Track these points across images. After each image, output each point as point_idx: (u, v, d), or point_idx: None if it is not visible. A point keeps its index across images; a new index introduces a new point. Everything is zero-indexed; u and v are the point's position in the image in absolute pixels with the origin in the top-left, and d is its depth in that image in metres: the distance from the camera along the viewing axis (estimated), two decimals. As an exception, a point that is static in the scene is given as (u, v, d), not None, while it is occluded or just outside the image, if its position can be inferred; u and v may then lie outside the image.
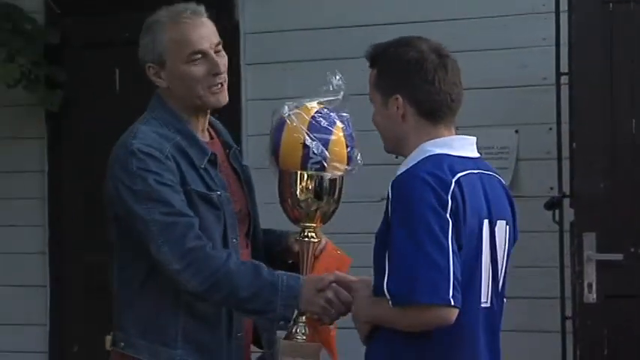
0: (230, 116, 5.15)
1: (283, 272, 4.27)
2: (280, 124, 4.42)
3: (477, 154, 4.06)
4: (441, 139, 3.99)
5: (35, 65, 7.51)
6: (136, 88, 4.74)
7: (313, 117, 4.39)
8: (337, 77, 4.47)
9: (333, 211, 4.49)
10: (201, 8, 4.60)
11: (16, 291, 7.59)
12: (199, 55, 4.44)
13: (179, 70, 4.44)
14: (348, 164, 4.41)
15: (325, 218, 4.48)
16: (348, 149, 4.40)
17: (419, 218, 3.78)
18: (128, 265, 4.34)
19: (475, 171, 3.94)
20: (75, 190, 7.49)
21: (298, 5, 7.16)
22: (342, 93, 4.43)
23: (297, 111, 4.39)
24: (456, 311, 3.76)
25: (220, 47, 4.53)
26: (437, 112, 4.00)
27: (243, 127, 6.92)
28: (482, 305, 3.95)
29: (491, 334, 4.02)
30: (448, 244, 3.74)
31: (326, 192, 4.41)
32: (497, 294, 4.01)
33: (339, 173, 4.41)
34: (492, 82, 6.57)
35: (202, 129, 4.56)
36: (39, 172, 7.71)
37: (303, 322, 4.30)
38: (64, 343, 7.82)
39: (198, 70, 4.44)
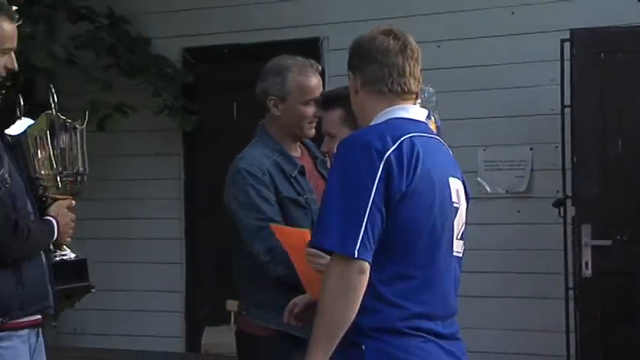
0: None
1: None
2: None
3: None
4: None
5: (175, 99, 7.54)
6: (248, 117, 4.71)
7: None
8: (429, 88, 4.34)
9: None
10: (316, 64, 4.64)
11: (157, 267, 7.63)
12: (312, 101, 4.43)
13: (295, 107, 4.46)
14: None
15: None
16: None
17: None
18: (241, 255, 4.38)
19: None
20: (204, 191, 7.49)
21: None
22: (434, 99, 4.33)
23: None
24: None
25: None
26: None
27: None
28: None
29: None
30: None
31: None
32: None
33: None
34: (514, 112, 6.50)
35: (295, 148, 4.55)
36: (177, 179, 7.71)
37: None
38: (196, 306, 7.83)
39: (309, 111, 4.47)
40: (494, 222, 6.40)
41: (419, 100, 4.04)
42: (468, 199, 3.70)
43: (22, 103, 4.11)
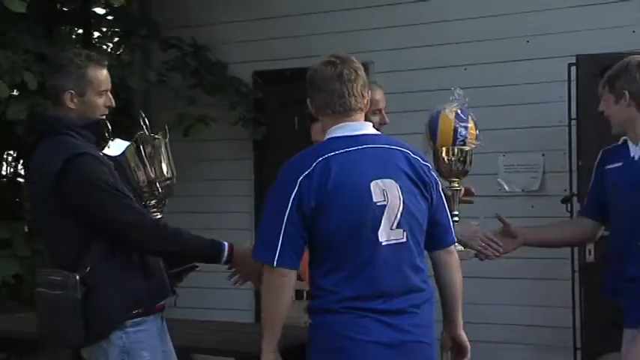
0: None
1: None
2: (436, 119, 4.33)
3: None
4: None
5: (247, 112, 7.61)
6: (307, 128, 4.72)
7: (457, 113, 4.29)
8: (459, 91, 4.39)
9: (467, 171, 4.38)
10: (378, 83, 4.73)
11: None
12: (379, 114, 4.58)
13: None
14: (475, 140, 4.34)
15: (463, 175, 4.39)
16: (477, 132, 4.34)
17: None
18: None
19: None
20: None
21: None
22: (466, 99, 4.35)
23: (447, 110, 4.32)
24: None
25: None
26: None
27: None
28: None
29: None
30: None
31: (465, 159, 4.34)
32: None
33: (473, 147, 4.33)
34: (528, 124, 6.54)
35: None
36: (248, 179, 7.76)
37: None
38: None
39: (378, 120, 4.53)
40: (512, 216, 6.23)
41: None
42: (419, 186, 3.60)
43: (109, 127, 4.15)
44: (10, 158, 8.32)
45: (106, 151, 4.15)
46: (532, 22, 6.81)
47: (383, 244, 3.48)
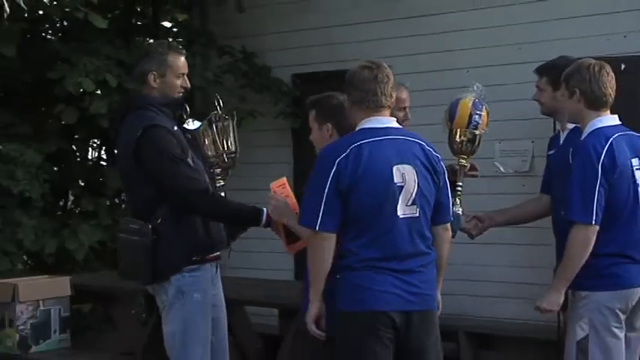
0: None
1: None
2: (455, 104, 4.40)
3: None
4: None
5: (287, 107, 7.67)
6: None
7: (474, 102, 4.37)
8: (478, 84, 4.49)
9: (475, 151, 4.46)
10: (405, 83, 4.72)
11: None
12: (403, 110, 4.63)
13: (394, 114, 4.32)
14: (485, 127, 4.43)
15: (471, 154, 4.46)
16: (488, 120, 4.44)
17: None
18: None
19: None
20: (307, 172, 7.51)
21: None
22: (482, 91, 4.44)
23: (466, 98, 4.37)
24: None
25: None
26: None
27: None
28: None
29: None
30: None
31: (476, 140, 4.41)
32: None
33: (483, 131, 4.42)
34: (521, 117, 6.52)
35: None
36: (288, 163, 7.73)
37: None
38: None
39: (402, 116, 4.57)
40: (506, 193, 6.38)
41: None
42: (430, 172, 3.72)
43: (188, 109, 4.30)
44: (95, 145, 8.41)
45: (186, 125, 4.25)
46: (522, 33, 6.81)
47: (400, 217, 3.63)
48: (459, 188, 4.45)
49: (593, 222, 3.80)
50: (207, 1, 8.25)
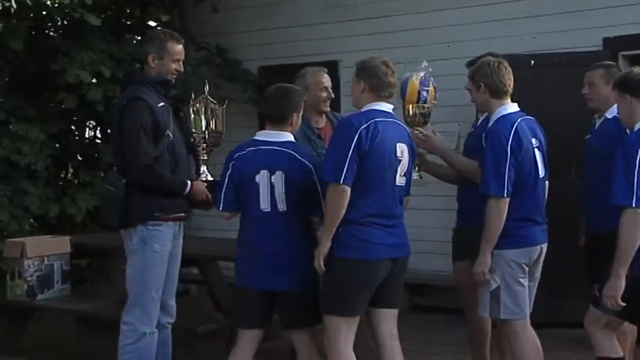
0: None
1: None
2: (405, 82, 4.28)
3: (275, 139, 3.75)
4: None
5: (254, 94, 7.68)
6: None
7: (421, 79, 4.30)
8: (425, 62, 4.42)
9: (427, 122, 4.35)
10: (324, 69, 4.59)
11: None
12: (325, 90, 4.44)
13: (317, 94, 4.42)
14: (434, 100, 4.35)
15: (424, 125, 4.35)
16: (436, 94, 4.37)
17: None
18: None
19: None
20: None
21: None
22: (430, 69, 4.36)
23: (414, 77, 4.30)
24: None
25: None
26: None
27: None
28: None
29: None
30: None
31: (426, 113, 4.34)
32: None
33: (432, 105, 4.35)
34: (450, 103, 6.39)
35: (317, 120, 4.50)
36: None
37: None
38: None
39: (325, 95, 4.48)
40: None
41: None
42: (413, 153, 3.85)
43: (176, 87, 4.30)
44: (91, 126, 8.37)
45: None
46: (450, 33, 6.90)
47: (396, 185, 3.75)
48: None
49: (505, 195, 3.83)
50: (187, 3, 8.21)
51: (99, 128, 8.33)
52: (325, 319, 3.74)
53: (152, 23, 8.65)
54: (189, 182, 4.06)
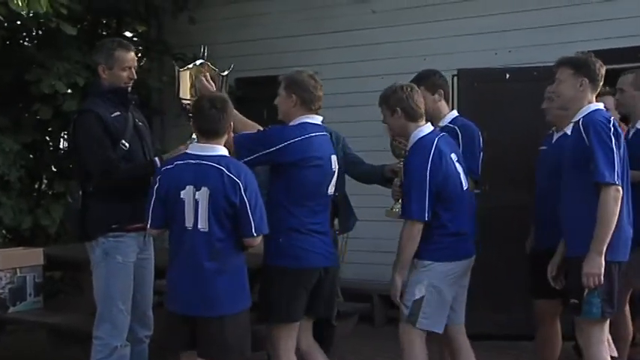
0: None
1: None
2: None
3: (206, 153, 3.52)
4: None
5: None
6: (275, 117, 4.32)
7: None
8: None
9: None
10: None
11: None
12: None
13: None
14: None
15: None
16: None
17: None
18: None
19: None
20: None
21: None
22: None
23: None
24: None
25: None
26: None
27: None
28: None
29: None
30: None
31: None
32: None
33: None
34: None
35: None
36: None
37: None
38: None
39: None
40: None
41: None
42: (339, 163, 3.96)
43: (133, 98, 4.16)
44: (65, 136, 8.33)
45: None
46: (426, 47, 6.95)
47: (329, 194, 3.84)
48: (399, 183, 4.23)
49: (427, 218, 3.82)
50: (164, 14, 8.22)
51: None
52: (270, 327, 3.82)
53: (128, 34, 8.65)
54: (156, 159, 3.92)
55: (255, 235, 3.50)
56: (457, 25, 6.92)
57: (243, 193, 3.45)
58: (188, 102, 4.06)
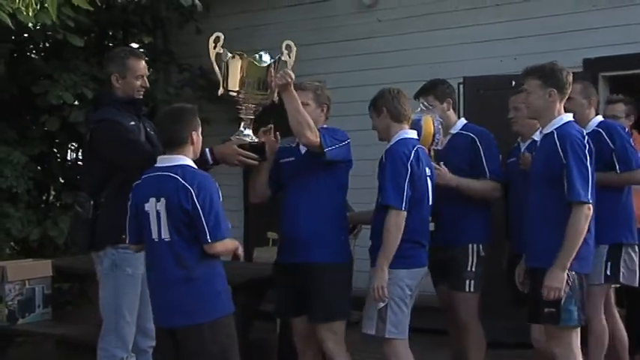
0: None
1: None
2: (418, 123, 4.21)
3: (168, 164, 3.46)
4: None
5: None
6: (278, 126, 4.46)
7: (434, 125, 4.30)
8: (424, 103, 4.36)
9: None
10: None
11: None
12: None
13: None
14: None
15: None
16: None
17: None
18: None
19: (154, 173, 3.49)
20: None
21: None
22: (435, 111, 4.33)
23: (423, 118, 4.27)
24: None
25: None
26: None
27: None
28: (154, 240, 3.45)
29: (159, 259, 3.44)
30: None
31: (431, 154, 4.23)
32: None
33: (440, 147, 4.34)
34: None
35: None
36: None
37: None
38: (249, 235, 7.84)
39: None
40: None
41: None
42: None
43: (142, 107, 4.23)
44: (73, 147, 8.39)
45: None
46: (433, 54, 6.97)
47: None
48: None
49: (403, 208, 3.87)
50: (170, 25, 8.27)
51: (81, 150, 8.35)
52: (330, 325, 4.01)
53: (135, 45, 8.70)
54: (206, 150, 3.86)
55: (209, 241, 3.37)
56: (462, 33, 6.95)
57: (195, 199, 3.35)
58: (236, 93, 4.17)
